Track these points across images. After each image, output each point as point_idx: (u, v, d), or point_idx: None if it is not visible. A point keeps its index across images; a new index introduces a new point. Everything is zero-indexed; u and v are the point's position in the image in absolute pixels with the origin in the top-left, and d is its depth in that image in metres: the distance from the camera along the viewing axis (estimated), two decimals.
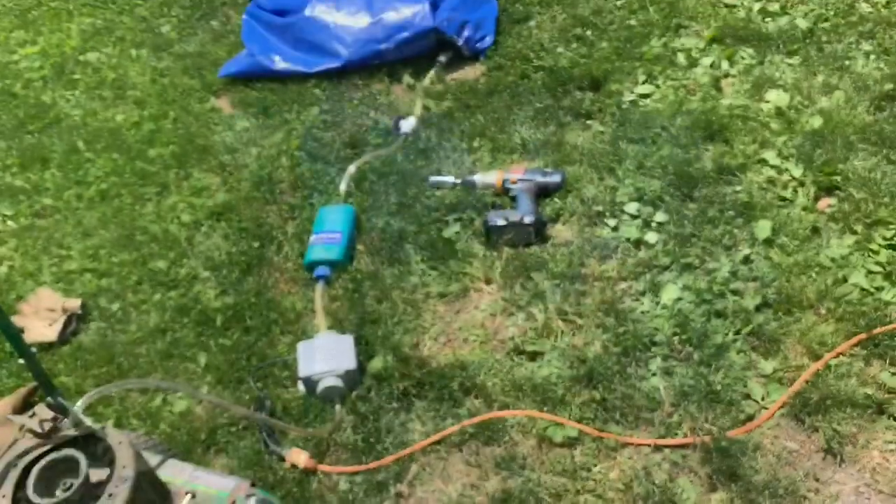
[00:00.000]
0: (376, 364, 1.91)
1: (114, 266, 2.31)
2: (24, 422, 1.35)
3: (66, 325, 2.14)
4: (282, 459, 1.77)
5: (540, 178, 2.26)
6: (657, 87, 2.60)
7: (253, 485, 1.49)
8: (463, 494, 1.68)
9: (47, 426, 1.35)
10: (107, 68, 3.15)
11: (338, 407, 1.85)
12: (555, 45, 2.83)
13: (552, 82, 2.66)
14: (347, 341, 1.92)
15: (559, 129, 2.49)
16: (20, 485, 1.27)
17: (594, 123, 2.50)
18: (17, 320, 2.15)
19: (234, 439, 1.82)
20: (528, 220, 2.12)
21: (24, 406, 1.95)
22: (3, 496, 1.26)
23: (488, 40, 2.88)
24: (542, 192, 2.27)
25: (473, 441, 1.76)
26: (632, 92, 2.58)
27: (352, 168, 2.44)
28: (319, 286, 2.12)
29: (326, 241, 2.19)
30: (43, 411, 1.39)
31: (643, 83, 2.61)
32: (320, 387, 1.85)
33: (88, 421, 1.37)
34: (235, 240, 2.32)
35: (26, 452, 1.31)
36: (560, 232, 2.20)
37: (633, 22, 2.87)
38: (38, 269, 2.35)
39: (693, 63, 2.65)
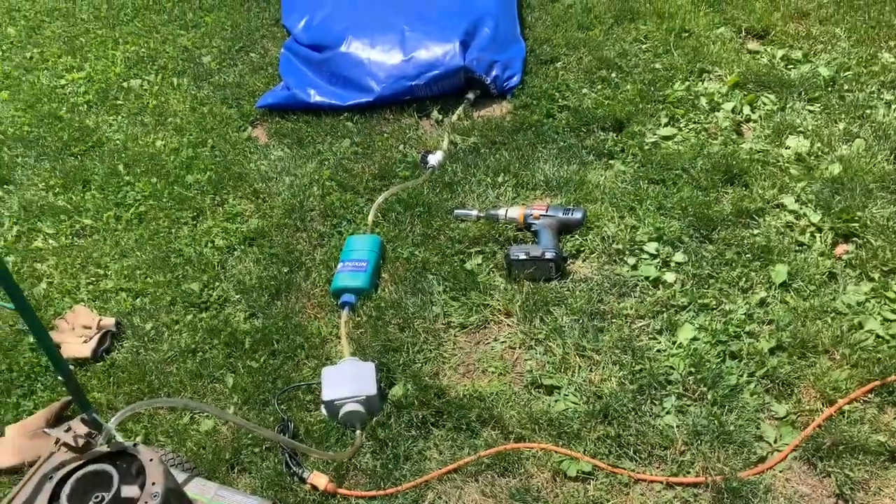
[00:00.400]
0: (397, 391, 1.96)
1: (149, 286, 2.39)
2: (60, 436, 1.41)
3: (100, 342, 2.21)
4: (303, 481, 1.81)
5: (562, 215, 2.32)
6: (679, 129, 2.65)
7: None
8: None
9: (82, 441, 1.41)
10: (149, 95, 3.28)
11: (358, 432, 1.89)
12: (580, 86, 2.91)
13: (576, 122, 2.73)
14: (369, 368, 1.97)
15: (582, 168, 2.55)
16: (54, 496, 1.33)
17: (616, 163, 2.56)
18: (53, 336, 2.22)
19: (258, 459, 1.87)
20: (549, 255, 2.17)
21: (57, 420, 2.01)
22: None
23: (515, 80, 2.96)
24: (564, 229, 2.32)
25: (489, 472, 1.79)
26: (654, 133, 2.65)
27: (380, 199, 2.52)
28: (344, 313, 2.18)
29: (353, 268, 2.26)
30: (78, 426, 1.46)
31: (665, 125, 2.67)
32: (342, 411, 1.89)
33: (121, 437, 1.43)
34: (266, 265, 2.39)
35: (62, 465, 1.38)
36: (580, 268, 2.25)
37: (657, 65, 2.94)
38: (76, 286, 2.44)
39: (715, 107, 2.71)
